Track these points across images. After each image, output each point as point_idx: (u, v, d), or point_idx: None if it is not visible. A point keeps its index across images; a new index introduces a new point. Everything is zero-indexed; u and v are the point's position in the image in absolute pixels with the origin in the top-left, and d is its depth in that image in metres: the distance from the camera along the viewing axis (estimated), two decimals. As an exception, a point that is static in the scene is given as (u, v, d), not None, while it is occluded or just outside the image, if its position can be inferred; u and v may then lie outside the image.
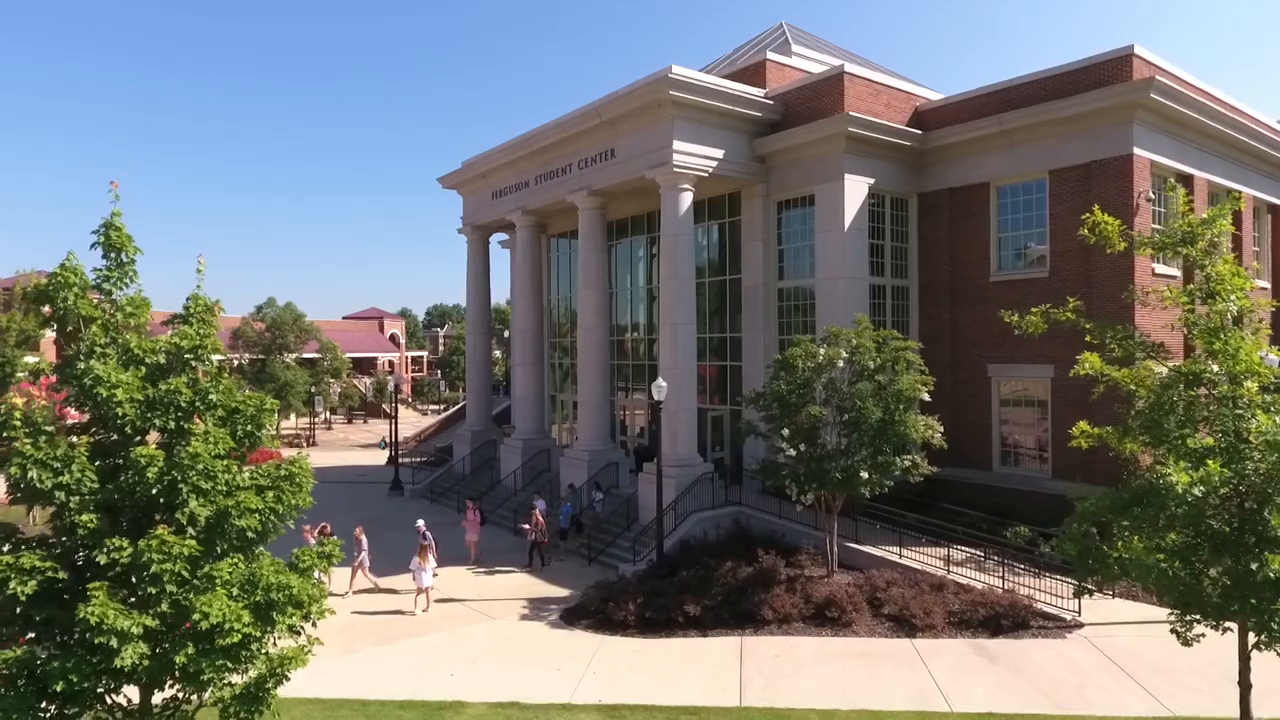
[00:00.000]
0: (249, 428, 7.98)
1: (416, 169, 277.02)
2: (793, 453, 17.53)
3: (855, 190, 23.79)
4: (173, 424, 7.44)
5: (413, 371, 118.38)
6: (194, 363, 7.82)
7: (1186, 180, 23.61)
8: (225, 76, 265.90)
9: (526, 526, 23.26)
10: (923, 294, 25.77)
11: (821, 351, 18.12)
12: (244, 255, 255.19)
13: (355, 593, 20.33)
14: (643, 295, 31.18)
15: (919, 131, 24.75)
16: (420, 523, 21.53)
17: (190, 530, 7.24)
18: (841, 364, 17.92)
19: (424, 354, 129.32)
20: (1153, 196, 21.60)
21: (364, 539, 20.65)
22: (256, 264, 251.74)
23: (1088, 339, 11.41)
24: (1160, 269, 22.34)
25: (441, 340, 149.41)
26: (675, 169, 23.55)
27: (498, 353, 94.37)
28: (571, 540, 24.19)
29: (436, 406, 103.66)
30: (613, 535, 23.84)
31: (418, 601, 19.21)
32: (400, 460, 46.79)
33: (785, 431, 17.80)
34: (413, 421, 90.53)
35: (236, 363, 71.74)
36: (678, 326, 23.97)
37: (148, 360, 7.68)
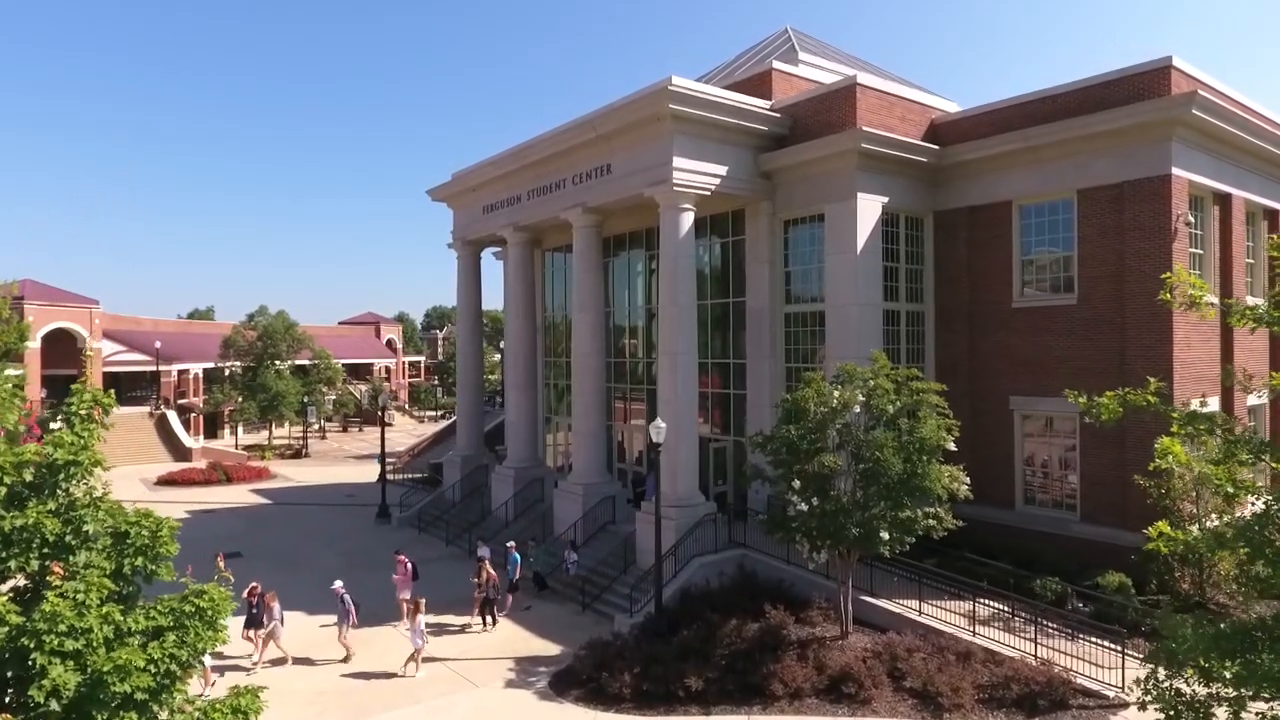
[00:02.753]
0: (141, 560, 6.37)
1: (416, 169, 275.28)
2: (804, 507, 15.93)
3: (868, 210, 22.19)
4: (35, 565, 5.85)
5: (410, 377, 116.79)
6: (65, 482, 6.21)
7: (1224, 200, 22.04)
8: (225, 76, 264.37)
9: (476, 581, 20.74)
10: (939, 320, 24.14)
11: (836, 394, 16.52)
12: (243, 255, 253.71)
13: (265, 664, 17.98)
14: (642, 314, 29.56)
15: (936, 147, 23.13)
16: (338, 584, 18.94)
17: (54, 703, 5.66)
18: (858, 409, 16.32)
19: (421, 359, 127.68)
20: (1192, 220, 19.97)
21: (276, 606, 18.19)
22: (255, 264, 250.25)
23: (1175, 429, 9.69)
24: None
25: (440, 342, 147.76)
26: (675, 187, 21.95)
27: (496, 356, 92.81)
28: (526, 596, 22.09)
29: (434, 413, 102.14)
30: (609, 579, 22.25)
31: (407, 668, 17.63)
32: (391, 478, 45.23)
33: (796, 483, 16.20)
34: (409, 429, 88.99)
35: (228, 372, 70.16)
36: (678, 356, 22.36)
37: (7, 480, 6.09)
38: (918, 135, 23.69)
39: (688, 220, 22.55)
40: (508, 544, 22.46)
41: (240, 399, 66.90)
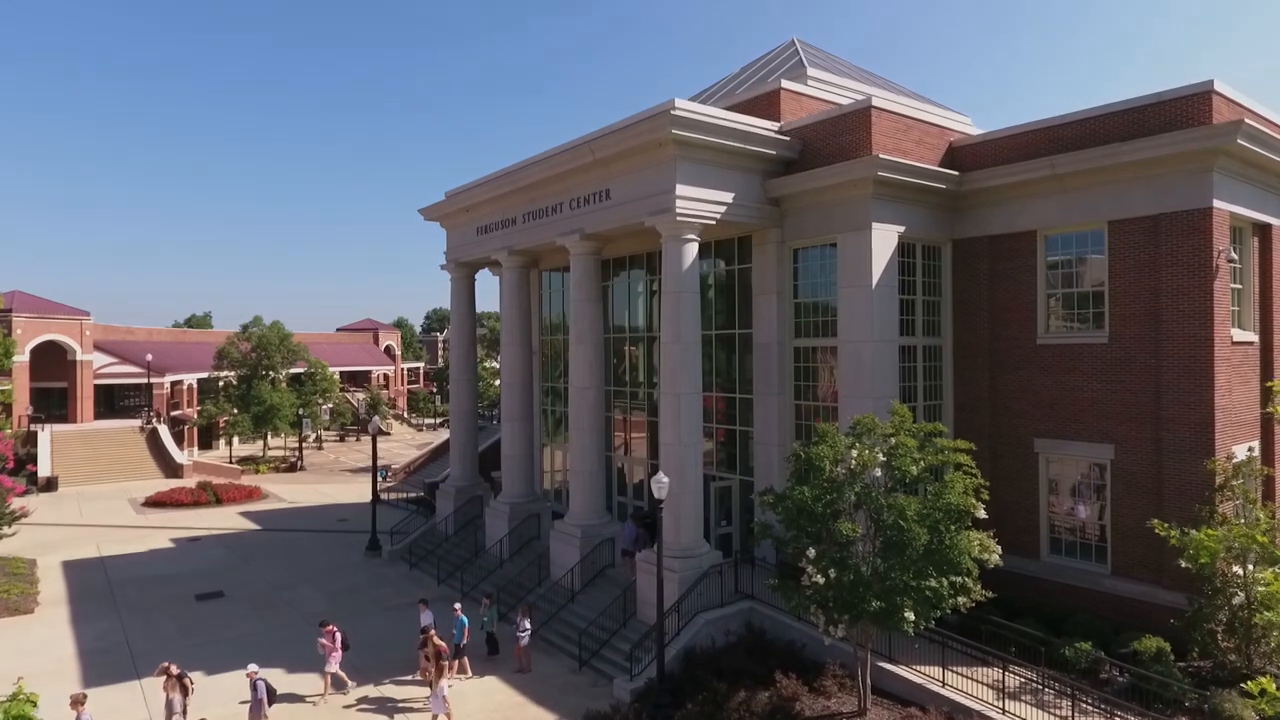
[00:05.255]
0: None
1: (419, 167, 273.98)
2: (820, 579, 14.59)
3: (884, 240, 20.83)
4: None
5: (409, 384, 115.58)
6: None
7: (1264, 230, 20.69)
8: (227, 76, 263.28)
9: (423, 653, 18.57)
10: (958, 355, 22.77)
11: (854, 454, 15.18)
12: (243, 258, 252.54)
13: None
14: (644, 338, 28.16)
15: (955, 173, 21.77)
16: (252, 667, 16.44)
17: None
18: (879, 472, 14.98)
19: (420, 365, 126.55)
20: (1235, 256, 18.58)
21: (177, 697, 15.73)
22: (255, 267, 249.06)
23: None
24: (1239, 335, 19.38)
25: (440, 346, 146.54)
26: (679, 217, 20.59)
27: (494, 363, 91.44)
28: (476, 661, 20.22)
29: (432, 421, 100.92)
30: (609, 631, 20.92)
31: None
32: (385, 498, 43.93)
33: (811, 552, 14.86)
34: (407, 439, 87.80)
35: (222, 383, 68.82)
36: (681, 396, 21.00)
37: None
38: (935, 160, 22.34)
39: (692, 251, 21.19)
40: (454, 605, 20.57)
41: (235, 411, 65.62)
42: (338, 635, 18.75)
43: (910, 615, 14.03)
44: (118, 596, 26.75)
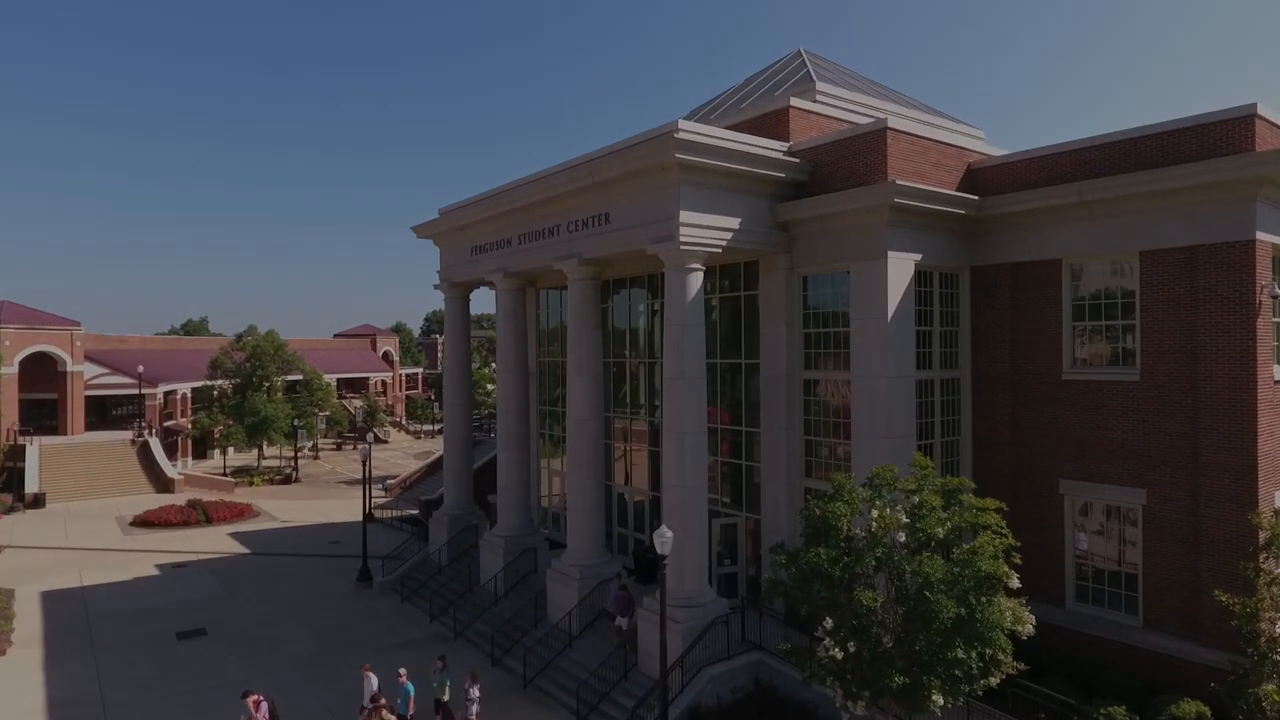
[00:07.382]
0: None
1: (420, 165, 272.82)
2: (838, 653, 13.40)
3: (900, 270, 19.62)
4: None
5: (406, 389, 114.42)
6: None
7: (1304, 259, 19.45)
8: (228, 79, 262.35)
9: None
10: (977, 389, 21.56)
11: (875, 514, 13.99)
12: (241, 262, 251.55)
13: None
14: (644, 361, 26.98)
15: (975, 197, 20.56)
16: None
17: None
18: (902, 536, 13.78)
19: (419, 370, 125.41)
20: (1279, 291, 17.35)
21: None
22: (253, 271, 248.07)
23: None
24: (1281, 374, 18.16)
25: (440, 349, 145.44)
26: (683, 245, 19.41)
27: (491, 369, 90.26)
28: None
29: (430, 427, 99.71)
30: (609, 683, 19.79)
31: None
32: (380, 515, 42.84)
33: (828, 623, 13.68)
34: (404, 447, 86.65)
35: (216, 393, 67.57)
36: (685, 436, 19.79)
37: None
38: (953, 183, 21.14)
39: (696, 281, 20.00)
40: (399, 670, 19.06)
41: (229, 422, 64.39)
42: (264, 705, 17.08)
43: (938, 698, 12.82)
44: (96, 635, 25.58)
